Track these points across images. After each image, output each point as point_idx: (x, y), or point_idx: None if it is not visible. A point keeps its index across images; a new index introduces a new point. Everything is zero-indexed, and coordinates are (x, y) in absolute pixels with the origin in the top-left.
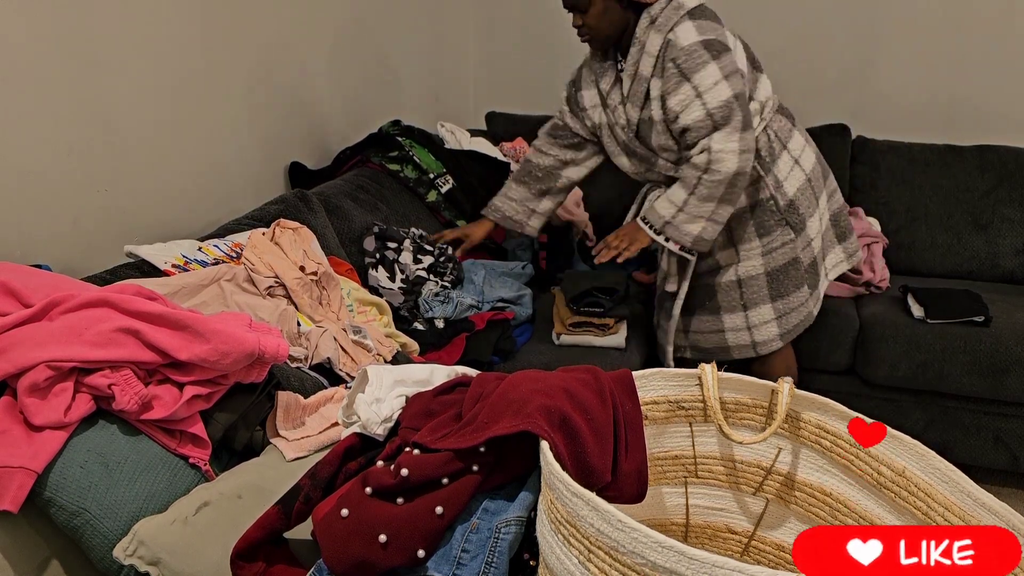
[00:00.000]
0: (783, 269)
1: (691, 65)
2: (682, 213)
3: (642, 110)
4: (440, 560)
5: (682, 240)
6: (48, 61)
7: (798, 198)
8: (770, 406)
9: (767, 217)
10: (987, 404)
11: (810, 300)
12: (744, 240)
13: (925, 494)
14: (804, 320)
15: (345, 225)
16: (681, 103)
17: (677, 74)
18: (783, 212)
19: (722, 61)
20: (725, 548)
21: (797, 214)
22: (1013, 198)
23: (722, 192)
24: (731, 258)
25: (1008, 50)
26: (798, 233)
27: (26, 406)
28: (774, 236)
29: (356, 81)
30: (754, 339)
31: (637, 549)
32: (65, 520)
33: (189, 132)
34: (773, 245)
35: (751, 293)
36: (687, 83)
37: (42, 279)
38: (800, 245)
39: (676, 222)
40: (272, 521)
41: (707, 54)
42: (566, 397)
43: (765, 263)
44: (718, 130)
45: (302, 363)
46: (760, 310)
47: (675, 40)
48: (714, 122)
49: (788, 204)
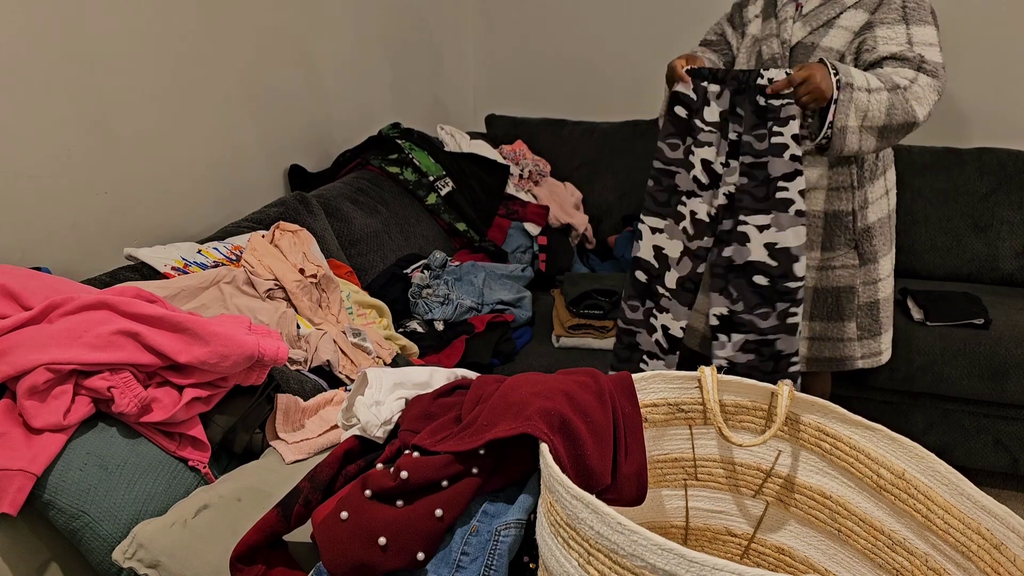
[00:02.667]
0: (834, 292)
1: (916, 15)
2: (867, 94)
3: (812, 33)
4: (440, 563)
5: (839, 116)
6: (48, 64)
7: (876, 228)
8: (770, 409)
9: (839, 232)
10: (987, 407)
11: (856, 345)
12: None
13: (925, 497)
14: (840, 360)
15: (345, 228)
16: (890, 39)
17: (899, 12)
18: (857, 234)
19: (938, 34)
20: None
21: (871, 243)
22: (1012, 201)
23: (898, 121)
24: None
25: (1007, 53)
26: (864, 263)
27: (25, 409)
28: (837, 255)
29: (356, 84)
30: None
31: (637, 552)
32: (64, 523)
33: (189, 135)
34: (832, 264)
35: None
36: (904, 26)
37: (41, 282)
38: (862, 276)
39: (856, 95)
40: (271, 524)
41: (931, 17)
42: (566, 400)
43: (818, 278)
44: (924, 75)
45: (301, 366)
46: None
47: None
48: (921, 66)
49: (865, 229)
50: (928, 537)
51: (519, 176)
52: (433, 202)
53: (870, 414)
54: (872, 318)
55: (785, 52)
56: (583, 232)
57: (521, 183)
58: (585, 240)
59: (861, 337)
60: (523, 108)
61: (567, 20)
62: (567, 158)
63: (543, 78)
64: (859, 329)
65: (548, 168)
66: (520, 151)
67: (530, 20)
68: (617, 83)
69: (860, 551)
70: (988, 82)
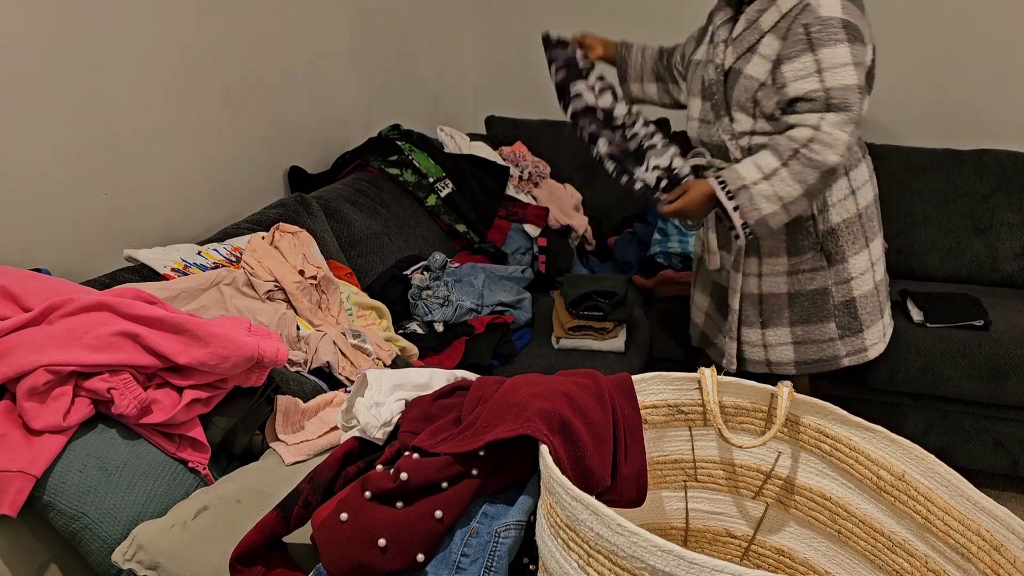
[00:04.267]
0: (808, 295)
1: (823, 37)
2: (766, 183)
3: (738, 59)
4: (439, 564)
5: (749, 215)
6: (48, 65)
7: (841, 229)
8: (769, 410)
9: (802, 237)
10: (987, 408)
11: (839, 343)
12: (771, 253)
13: (925, 498)
14: (828, 360)
15: (345, 229)
16: (797, 73)
17: (804, 41)
18: (820, 237)
19: (855, 48)
20: (725, 552)
21: (836, 244)
22: (1012, 202)
23: (815, 181)
24: (753, 268)
25: (1006, 54)
26: (832, 264)
27: (25, 410)
28: (804, 258)
29: (356, 85)
30: (768, 357)
31: (636, 553)
32: (64, 524)
33: (189, 136)
34: (802, 268)
35: (769, 311)
36: (810, 54)
37: (41, 283)
38: (832, 277)
39: (755, 191)
40: (271, 525)
41: (844, 33)
42: (565, 401)
43: (790, 283)
44: (832, 112)
45: (301, 367)
46: (777, 331)
47: (815, 6)
48: (828, 102)
49: (828, 231)
50: (928, 539)
51: (519, 178)
52: (433, 203)
53: (870, 415)
54: (851, 316)
55: (720, 78)
56: (583, 234)
57: (521, 184)
58: (585, 242)
59: (843, 336)
60: (523, 110)
61: (567, 21)
62: (567, 159)
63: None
64: (839, 328)
65: (548, 169)
66: (520, 152)
67: (530, 21)
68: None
69: (860, 552)
70: (988, 83)
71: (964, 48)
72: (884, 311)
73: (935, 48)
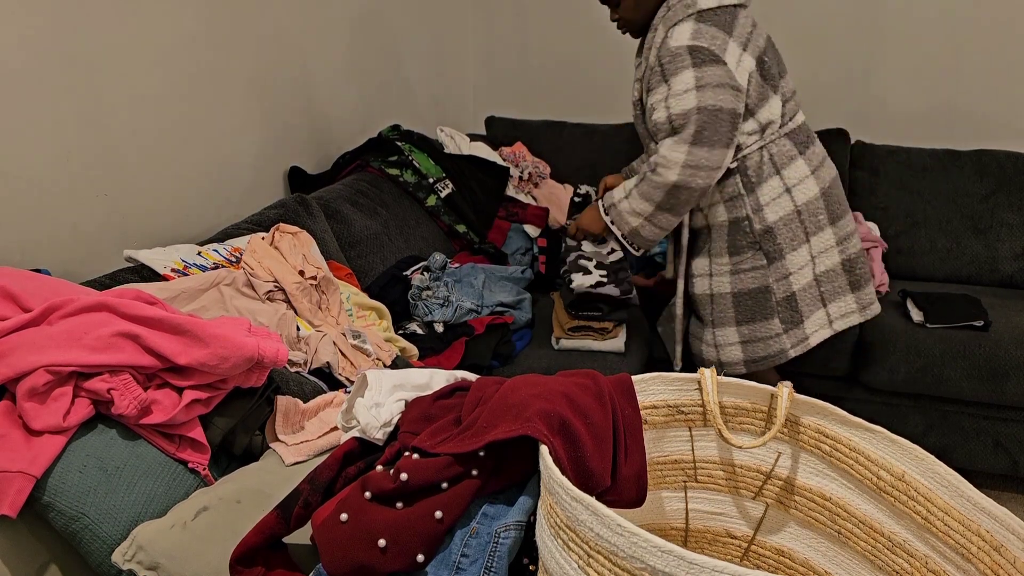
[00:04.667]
0: (751, 294)
1: (671, 68)
2: (626, 201)
3: (641, 93)
4: (439, 565)
5: (621, 227)
6: (48, 66)
7: (779, 227)
8: (769, 410)
9: (740, 237)
10: (987, 408)
11: (784, 337)
12: (717, 254)
13: (925, 499)
14: (775, 356)
15: (345, 229)
16: (653, 103)
17: (659, 73)
18: (757, 236)
19: (702, 70)
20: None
21: (773, 243)
22: (1012, 203)
23: (661, 198)
24: (704, 268)
25: (1006, 56)
26: (771, 261)
27: (25, 410)
28: (744, 257)
29: (356, 86)
30: (720, 358)
31: (636, 553)
32: (64, 525)
33: (188, 137)
34: (742, 267)
35: (718, 311)
36: (664, 84)
37: (41, 283)
38: (773, 275)
39: (620, 208)
40: (271, 526)
41: (689, 59)
42: (565, 401)
43: (732, 283)
44: (671, 136)
45: (301, 367)
46: (725, 331)
47: (667, 40)
48: (672, 127)
49: (765, 230)
50: (928, 539)
51: (519, 178)
52: (433, 204)
53: (870, 416)
54: (792, 310)
55: (638, 112)
56: None
57: (521, 185)
58: None
59: (787, 330)
60: (523, 110)
61: (567, 22)
62: (567, 160)
63: (543, 80)
64: (783, 323)
65: (548, 170)
66: (520, 153)
67: (530, 22)
68: (617, 85)
69: (860, 553)
70: (987, 84)
71: (964, 49)
72: (831, 301)
73: (935, 49)
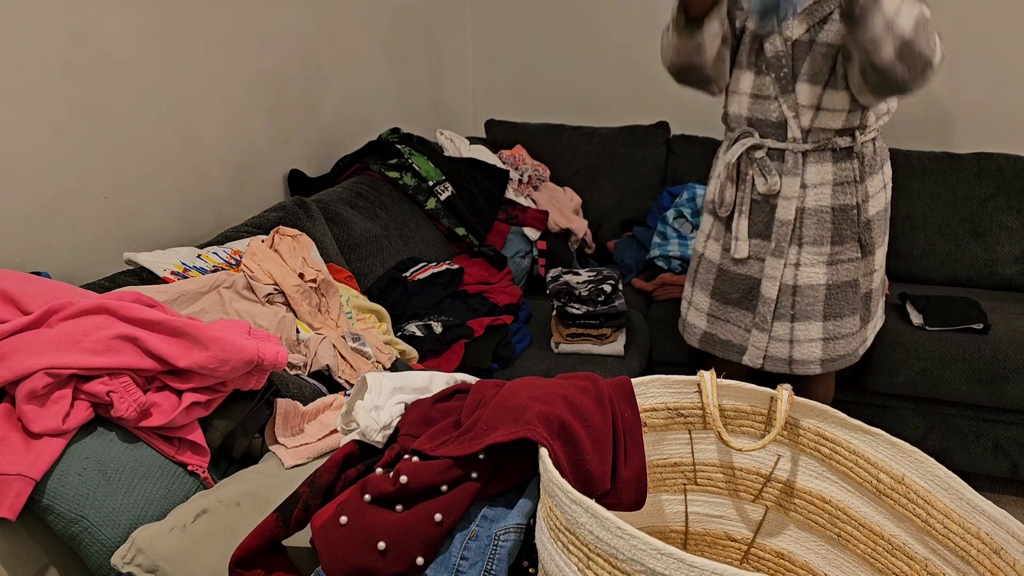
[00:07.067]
0: (843, 287)
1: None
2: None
3: (809, 30)
4: (439, 568)
5: None
6: (48, 67)
7: (875, 221)
8: (769, 413)
9: (846, 225)
10: (986, 411)
11: (857, 337)
12: (813, 241)
13: (924, 501)
14: (850, 356)
15: (344, 232)
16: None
17: None
18: (860, 227)
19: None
20: (724, 556)
21: (870, 235)
22: (1011, 206)
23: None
24: (792, 256)
25: (1005, 59)
26: (864, 255)
27: (24, 413)
28: (845, 247)
29: (356, 89)
30: (792, 355)
31: (636, 556)
32: (63, 527)
33: (188, 139)
34: (841, 257)
35: (804, 303)
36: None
37: (41, 286)
38: (863, 269)
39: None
40: (271, 528)
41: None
42: (565, 404)
43: (828, 274)
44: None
45: (301, 370)
46: (808, 326)
47: None
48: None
49: (867, 222)
50: (928, 542)
51: (518, 181)
52: (432, 207)
53: (870, 419)
54: (867, 308)
55: (788, 49)
56: (582, 237)
57: (520, 188)
58: (585, 245)
59: (860, 329)
60: (522, 113)
61: (567, 26)
62: (566, 163)
63: (542, 83)
64: (860, 321)
65: (547, 173)
66: (519, 156)
67: (530, 25)
68: (616, 88)
69: (860, 556)
70: (987, 87)
71: (963, 51)
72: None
73: None
